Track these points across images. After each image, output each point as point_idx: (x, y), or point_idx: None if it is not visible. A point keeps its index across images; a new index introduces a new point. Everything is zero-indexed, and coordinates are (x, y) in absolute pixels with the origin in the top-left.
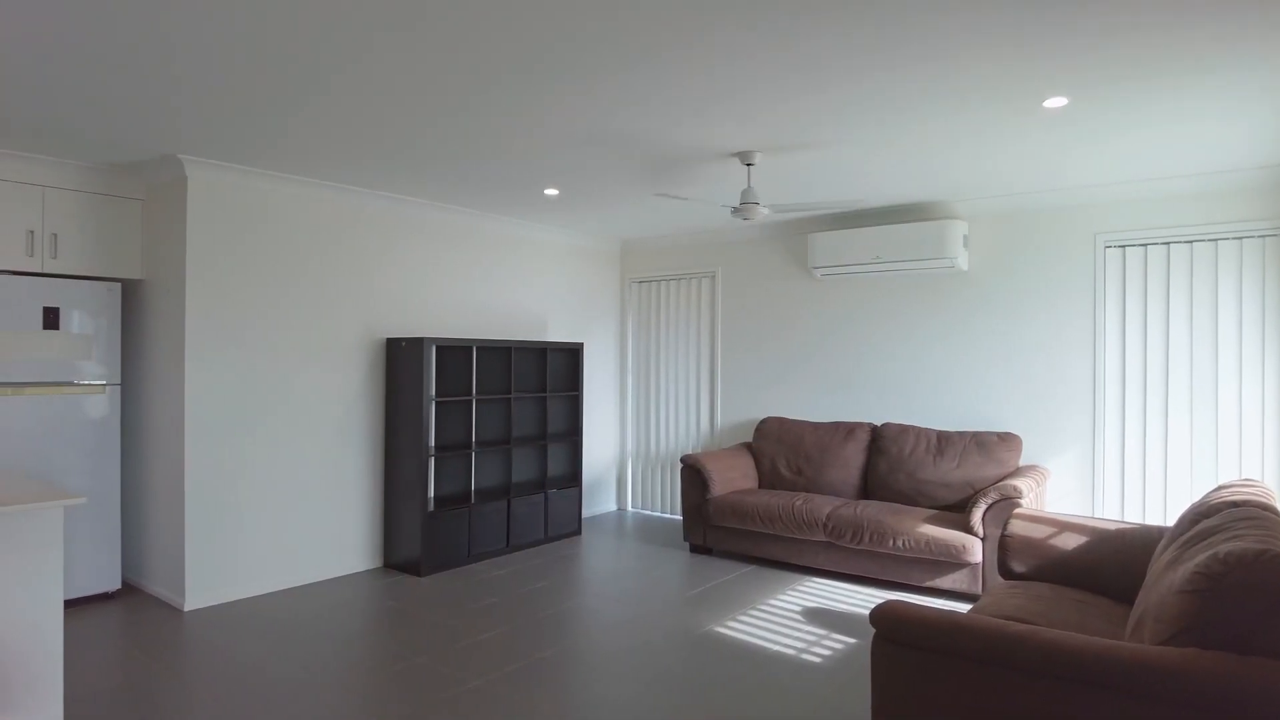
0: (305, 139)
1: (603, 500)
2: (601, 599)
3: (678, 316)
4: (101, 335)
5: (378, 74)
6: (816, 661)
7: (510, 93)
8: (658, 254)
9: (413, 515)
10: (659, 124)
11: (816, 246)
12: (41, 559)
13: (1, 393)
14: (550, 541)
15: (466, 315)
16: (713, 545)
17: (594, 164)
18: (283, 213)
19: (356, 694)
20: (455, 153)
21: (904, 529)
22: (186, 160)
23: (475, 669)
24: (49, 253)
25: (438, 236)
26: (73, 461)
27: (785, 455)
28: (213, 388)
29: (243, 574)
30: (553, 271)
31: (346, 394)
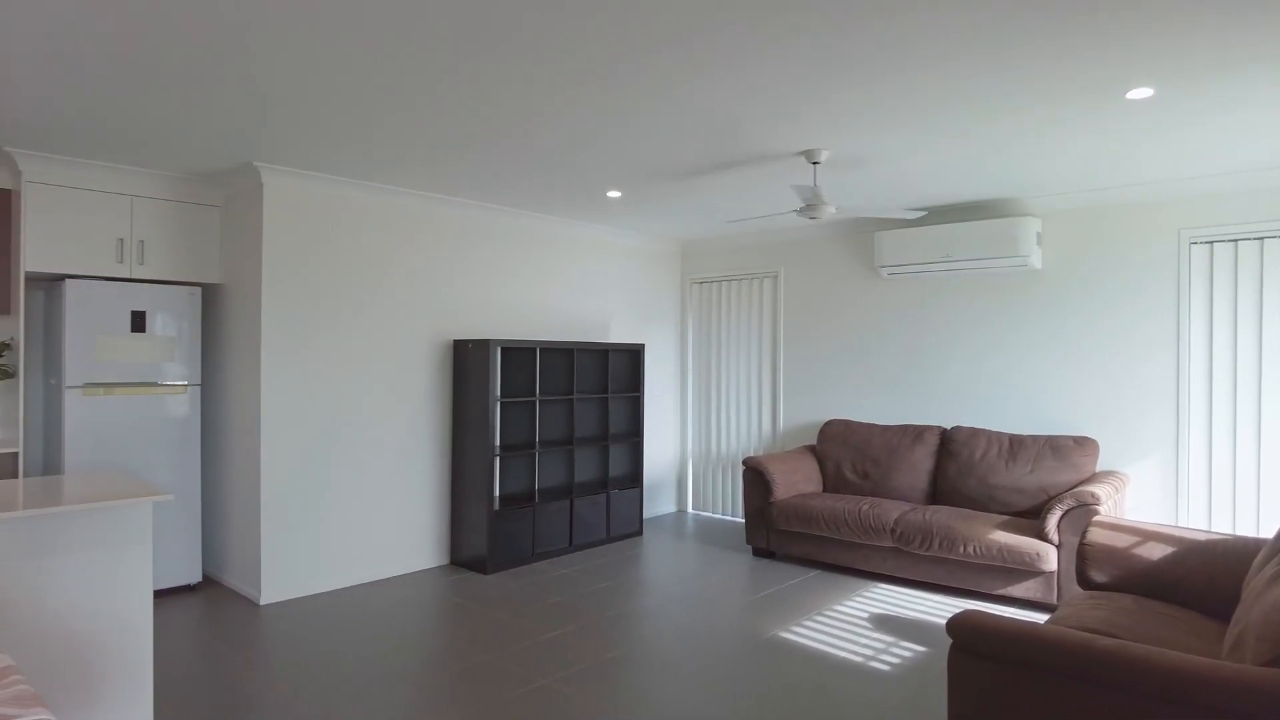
0: (378, 148)
1: (663, 501)
2: (665, 601)
3: (739, 317)
4: (183, 338)
5: (453, 87)
6: (885, 670)
7: (580, 96)
8: (718, 254)
9: (479, 514)
10: (725, 122)
11: (883, 245)
12: (133, 552)
13: (93, 392)
14: (612, 542)
15: (530, 317)
16: (776, 549)
17: (657, 164)
18: (354, 217)
19: (426, 690)
20: (523, 158)
21: (975, 535)
22: (263, 168)
23: (542, 668)
24: (136, 259)
25: (504, 239)
26: (157, 458)
27: (851, 458)
28: (288, 388)
29: (316, 569)
30: (614, 273)
31: (415, 394)
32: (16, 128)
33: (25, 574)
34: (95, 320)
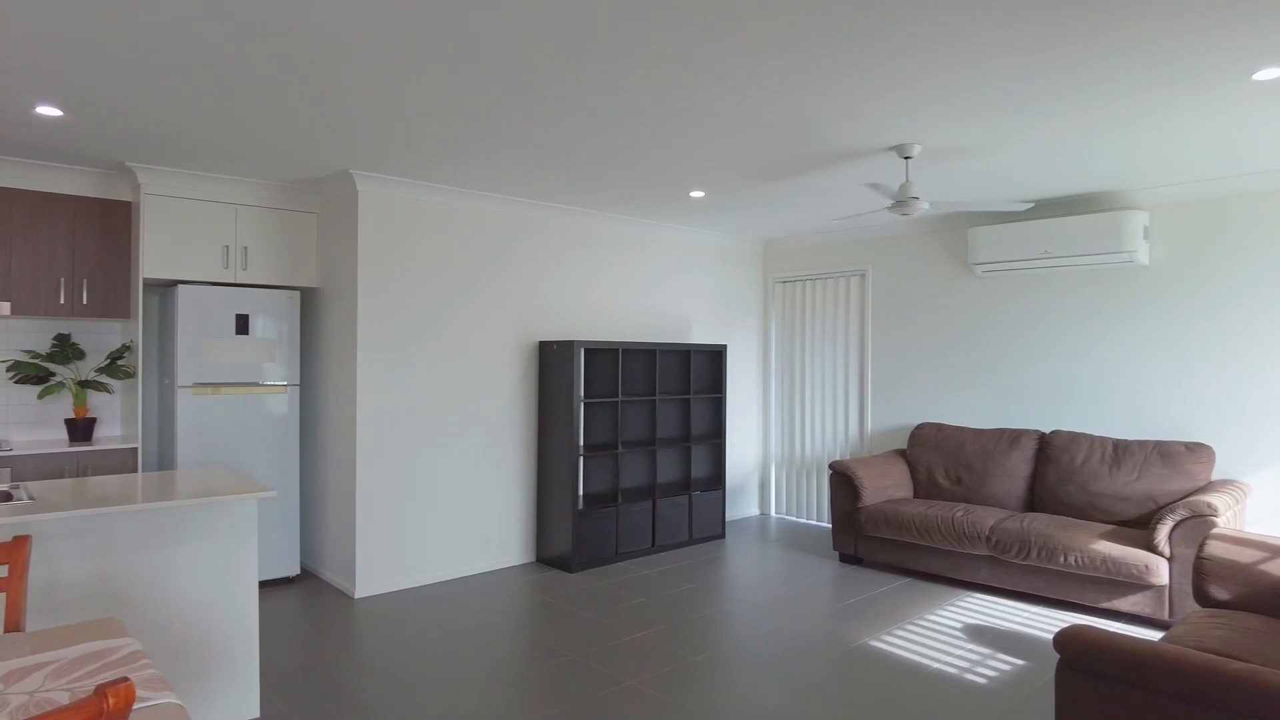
0: (467, 156)
1: (745, 504)
2: (750, 605)
3: (824, 317)
4: (283, 340)
5: (544, 95)
6: (982, 683)
7: (669, 100)
8: (803, 253)
9: (563, 512)
10: (812, 117)
11: (978, 242)
12: (240, 545)
13: (202, 392)
14: (694, 544)
15: (613, 318)
16: (864, 555)
17: (741, 163)
18: (443, 222)
19: (515, 687)
20: (609, 161)
21: (1076, 545)
22: (358, 175)
23: (629, 669)
24: (240, 265)
25: (587, 242)
26: (259, 455)
27: (943, 463)
28: (381, 388)
29: (407, 564)
30: (696, 273)
31: (502, 395)
32: (137, 144)
33: (145, 564)
34: (203, 323)
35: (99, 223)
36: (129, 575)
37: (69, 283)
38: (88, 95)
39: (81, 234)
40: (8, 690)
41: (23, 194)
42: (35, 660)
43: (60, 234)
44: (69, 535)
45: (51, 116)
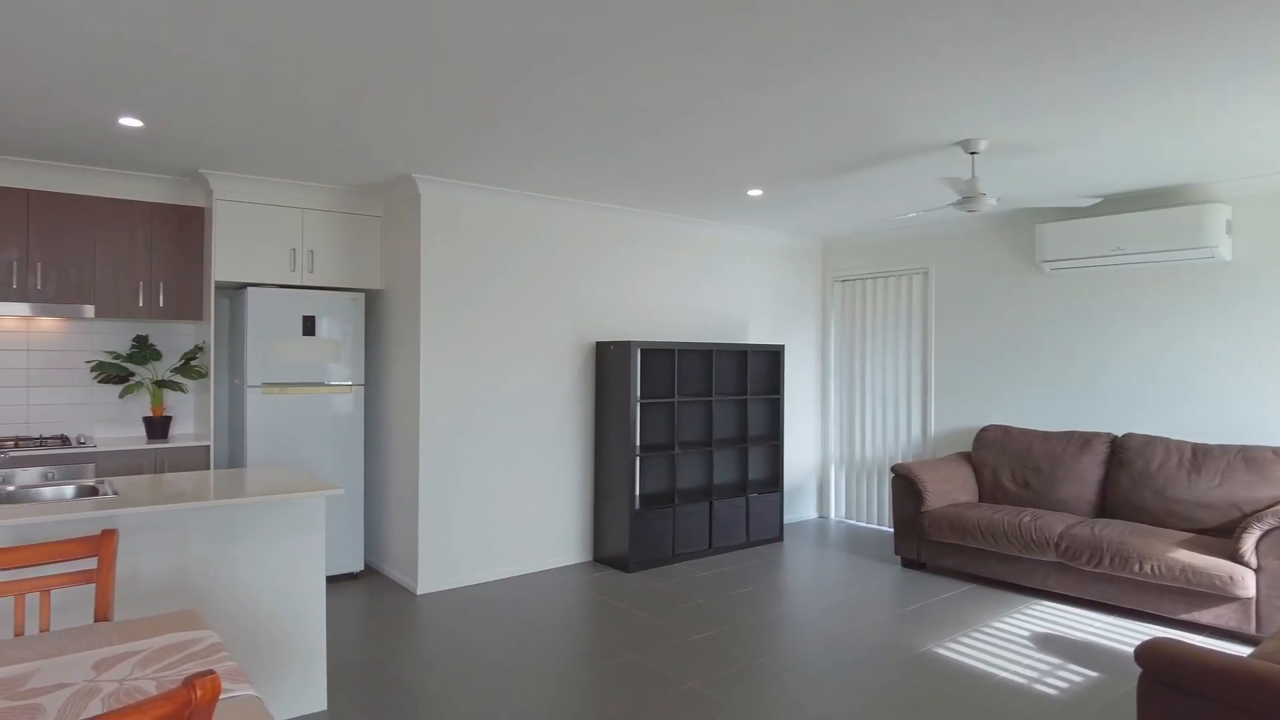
0: (527, 157)
1: (803, 506)
2: (810, 609)
3: (885, 316)
4: (348, 340)
5: (605, 96)
6: (1052, 694)
7: (727, 97)
8: (862, 251)
9: (620, 512)
10: (875, 113)
11: (1046, 238)
12: (308, 542)
13: (270, 391)
14: (752, 546)
15: (669, 318)
16: (927, 560)
17: (802, 161)
18: (503, 224)
19: (574, 686)
20: (667, 160)
21: (1153, 553)
22: (420, 179)
23: (687, 670)
24: (307, 267)
25: (644, 242)
26: (325, 453)
27: (1010, 467)
28: (443, 388)
29: (467, 562)
30: (753, 272)
31: (560, 395)
32: (210, 152)
33: (218, 558)
34: (272, 325)
35: (174, 228)
36: (203, 569)
37: (147, 286)
38: (166, 106)
39: (158, 239)
40: (100, 678)
41: (105, 202)
42: (124, 649)
43: (139, 240)
44: (149, 530)
45: (132, 127)
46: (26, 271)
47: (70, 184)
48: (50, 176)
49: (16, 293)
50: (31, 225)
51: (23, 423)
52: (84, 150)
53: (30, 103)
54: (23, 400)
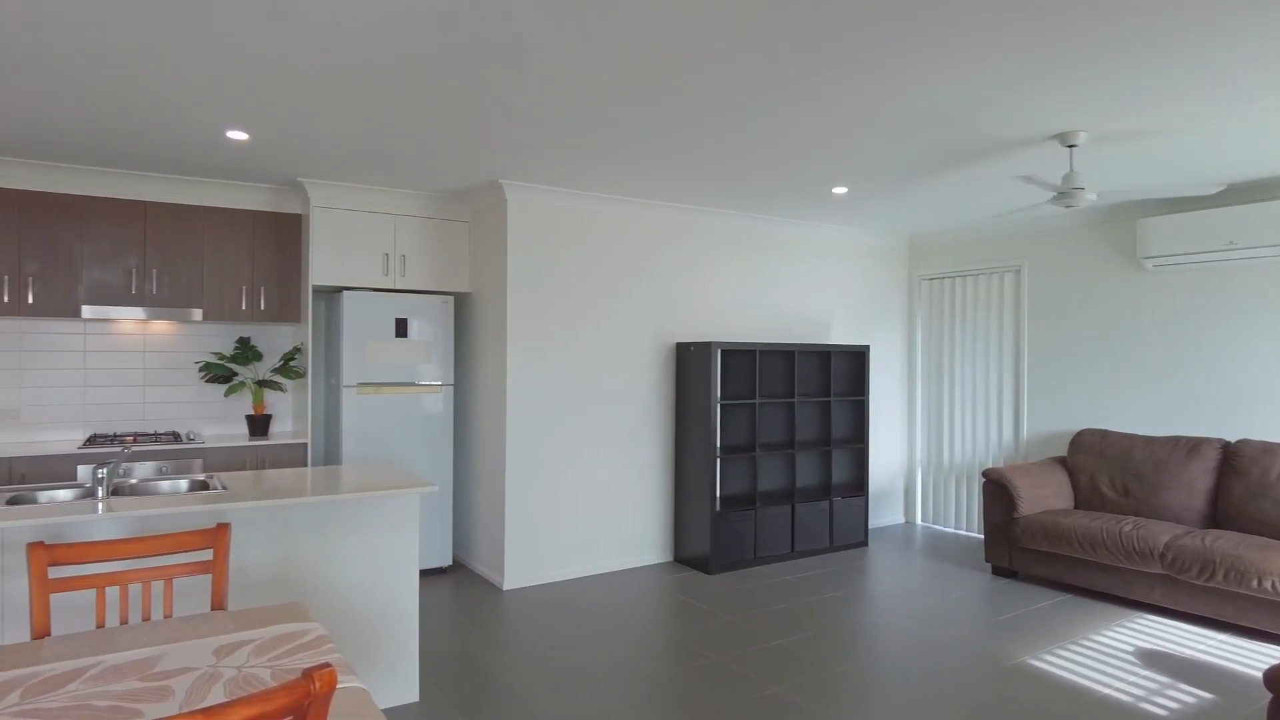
0: (609, 161)
1: (889, 511)
2: (897, 616)
3: (975, 315)
4: (438, 342)
5: (686, 94)
6: (1162, 714)
7: (813, 92)
8: (951, 248)
9: (701, 514)
10: (968, 108)
11: (1149, 233)
12: (402, 537)
13: (365, 391)
14: (835, 551)
15: (751, 319)
16: (1019, 568)
17: (889, 157)
18: (585, 227)
19: (659, 687)
20: (749, 158)
21: (1274, 568)
22: (506, 185)
23: (772, 675)
24: (399, 272)
25: (725, 242)
26: (416, 451)
27: (1109, 473)
28: (528, 389)
29: (552, 559)
30: (836, 271)
31: (641, 395)
32: (309, 161)
33: (317, 552)
34: (366, 327)
35: (274, 235)
36: (304, 562)
37: (250, 290)
38: (269, 119)
39: (260, 245)
40: (220, 664)
41: (212, 211)
42: (239, 638)
43: (242, 246)
44: (254, 523)
45: (238, 140)
46: (143, 278)
47: (181, 195)
48: (163, 188)
49: (134, 297)
50: (148, 234)
51: (139, 419)
52: (194, 162)
53: (147, 120)
54: (139, 399)
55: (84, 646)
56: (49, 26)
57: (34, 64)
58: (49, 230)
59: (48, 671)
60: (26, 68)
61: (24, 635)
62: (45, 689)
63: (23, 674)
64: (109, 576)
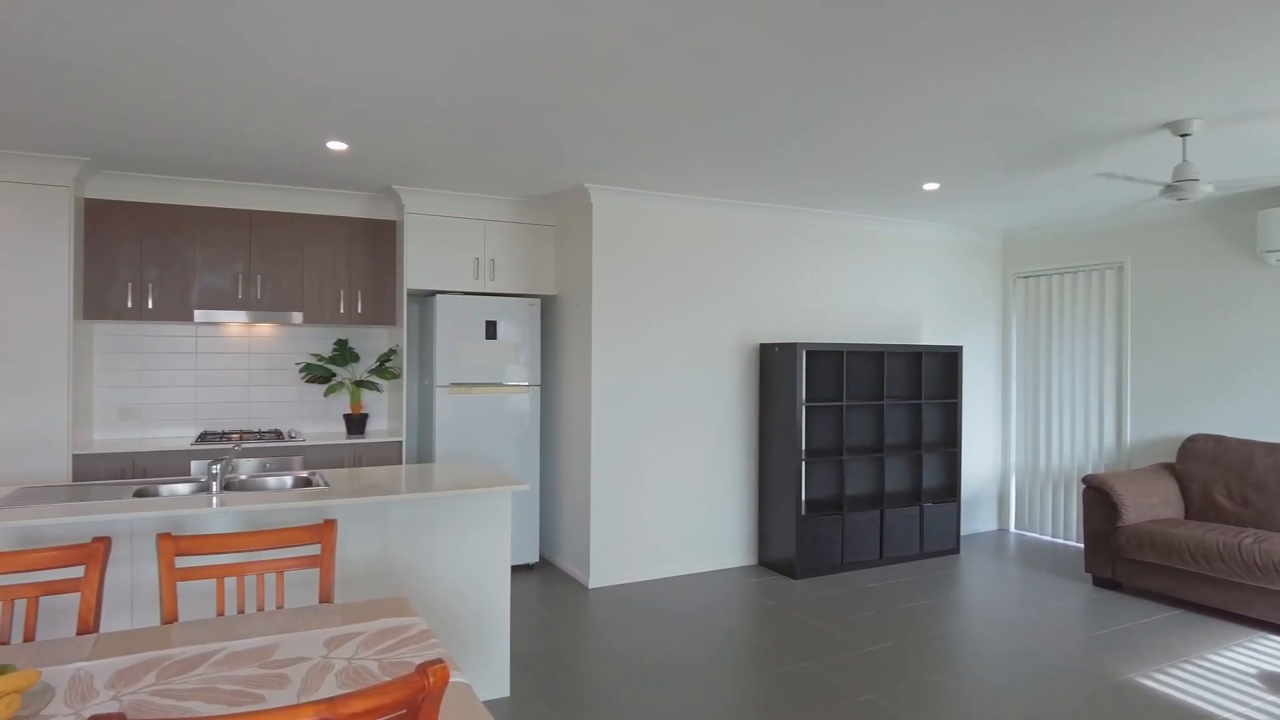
0: (695, 162)
1: (982, 518)
2: (992, 626)
3: (1074, 314)
4: (525, 344)
5: (777, 91)
6: None
7: (903, 83)
8: (1048, 244)
9: (786, 518)
10: (1072, 98)
11: (1271, 225)
12: (494, 534)
13: (456, 391)
14: (926, 558)
15: (837, 319)
16: (1123, 580)
17: (985, 151)
18: (669, 228)
19: (748, 691)
20: (837, 155)
21: None
22: (591, 188)
23: (864, 683)
24: (489, 275)
25: (809, 241)
26: (504, 450)
27: (1224, 481)
28: (613, 390)
29: (636, 559)
30: (925, 269)
31: (724, 397)
32: (403, 169)
33: (413, 547)
34: (457, 329)
35: (369, 241)
36: (400, 557)
37: (347, 294)
38: (367, 130)
39: (356, 251)
40: (331, 655)
41: (312, 218)
42: (348, 630)
43: (340, 252)
44: (356, 519)
45: (337, 150)
46: (248, 283)
47: (283, 203)
48: (267, 197)
49: (241, 302)
50: (253, 242)
51: (245, 418)
52: (295, 172)
53: (255, 133)
54: (245, 398)
55: (208, 633)
56: (171, 53)
57: (157, 86)
58: (166, 239)
59: (178, 655)
60: (150, 90)
61: (150, 618)
62: (178, 671)
63: (157, 656)
64: (228, 568)
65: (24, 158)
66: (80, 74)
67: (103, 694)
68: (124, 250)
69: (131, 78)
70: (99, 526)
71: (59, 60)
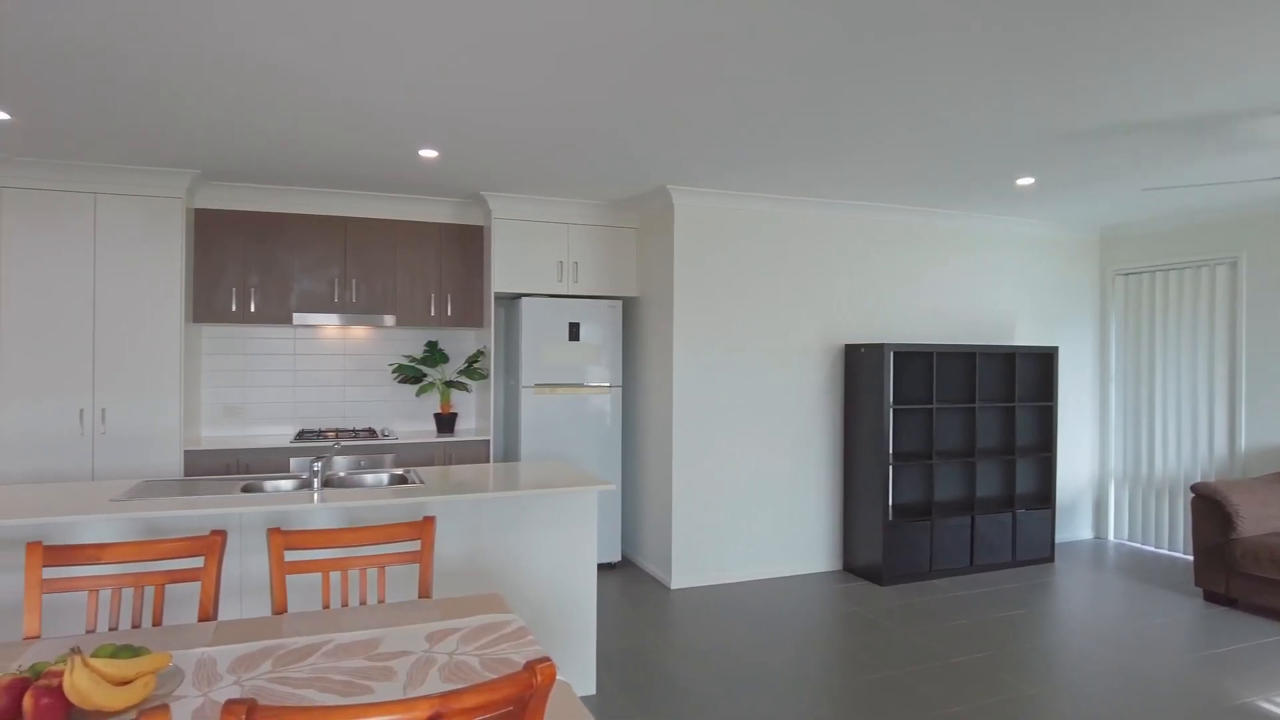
0: (778, 158)
1: (1078, 525)
2: (1092, 640)
3: (1180, 313)
4: (607, 345)
5: (862, 87)
6: None
7: (1002, 78)
8: (1150, 240)
9: (872, 523)
10: (1179, 79)
11: None
12: (581, 533)
13: (541, 391)
14: (1018, 566)
15: (925, 319)
16: (1238, 596)
17: (1086, 140)
18: (751, 228)
19: (834, 697)
20: (925, 151)
21: None
22: (674, 190)
23: (955, 694)
24: (572, 278)
25: (896, 239)
26: (586, 450)
27: None
28: (694, 391)
29: (718, 561)
30: (1019, 267)
31: (807, 398)
32: (491, 175)
33: (503, 545)
34: (542, 331)
35: (458, 245)
36: (490, 554)
37: (437, 297)
38: (458, 138)
39: (445, 255)
40: (433, 649)
41: (404, 224)
42: (448, 625)
43: (430, 256)
44: (448, 516)
45: (429, 157)
46: (344, 287)
47: (377, 210)
48: (361, 204)
49: (336, 305)
50: (348, 247)
51: (340, 417)
52: (388, 179)
53: (352, 142)
54: (340, 397)
55: (316, 624)
56: (280, 74)
57: (264, 104)
58: (268, 246)
59: (290, 645)
60: (257, 107)
61: (257, 609)
62: (291, 660)
63: (272, 645)
64: (333, 562)
65: (143, 172)
66: (193, 95)
67: (225, 678)
68: (229, 257)
69: (241, 97)
70: (214, 520)
71: (174, 83)
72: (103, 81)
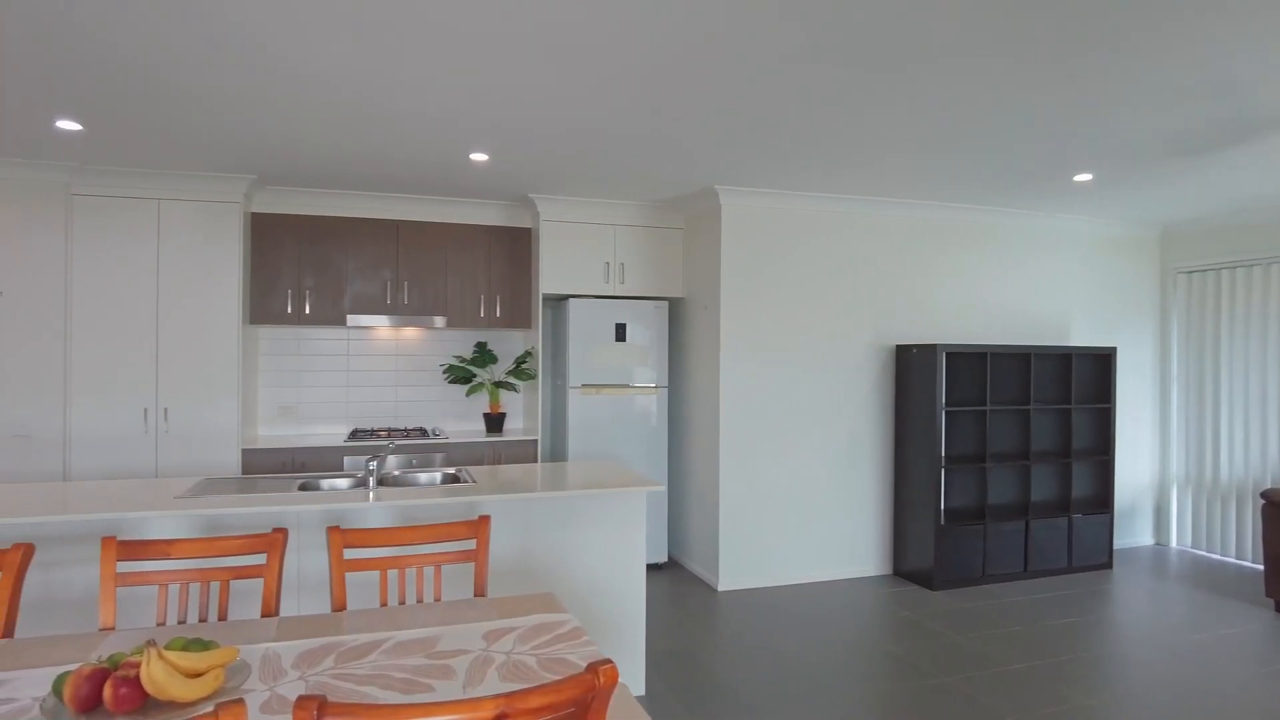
0: (826, 157)
1: (1137, 531)
2: (1154, 650)
3: (1246, 312)
4: (653, 346)
5: (922, 100)
6: None
7: (1062, 71)
8: (1214, 237)
9: (923, 526)
10: (1246, 71)
11: None
12: (630, 533)
13: (588, 392)
14: (1074, 572)
15: (978, 319)
16: None
17: (1146, 136)
18: (798, 227)
19: (887, 703)
20: (978, 147)
21: None
22: (721, 190)
23: (1010, 702)
24: (618, 279)
25: (948, 237)
26: (633, 450)
27: None
28: (741, 392)
29: (766, 563)
30: (1075, 266)
31: (856, 400)
32: (538, 179)
33: (553, 544)
34: (589, 332)
35: (506, 247)
36: (541, 553)
37: (486, 299)
38: (508, 142)
39: (495, 257)
40: (490, 648)
41: (454, 227)
42: (504, 624)
43: (479, 259)
44: (500, 515)
45: (479, 161)
46: (396, 289)
47: (428, 213)
48: (413, 208)
49: (388, 307)
50: (400, 250)
51: (392, 416)
52: (439, 183)
53: (404, 146)
54: (392, 397)
55: (375, 622)
56: (338, 81)
57: (321, 109)
58: (322, 249)
59: (351, 642)
60: (314, 112)
61: (313, 605)
62: (352, 656)
63: (333, 641)
64: (390, 560)
65: (203, 178)
66: (250, 105)
67: (290, 673)
68: (285, 259)
69: (298, 104)
70: (272, 517)
71: (232, 94)
72: (165, 94)
